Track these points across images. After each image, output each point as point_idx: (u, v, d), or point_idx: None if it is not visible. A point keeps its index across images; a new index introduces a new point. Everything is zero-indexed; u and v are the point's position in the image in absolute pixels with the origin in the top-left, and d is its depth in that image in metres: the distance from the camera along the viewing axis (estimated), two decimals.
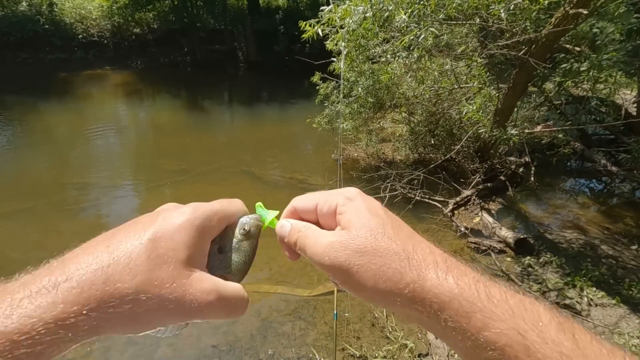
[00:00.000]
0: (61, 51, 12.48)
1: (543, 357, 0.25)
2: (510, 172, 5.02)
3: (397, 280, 0.30)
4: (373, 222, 0.34)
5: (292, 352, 2.56)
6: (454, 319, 0.28)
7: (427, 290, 0.29)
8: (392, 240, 0.32)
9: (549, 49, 3.22)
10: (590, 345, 0.26)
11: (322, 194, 0.39)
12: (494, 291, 0.29)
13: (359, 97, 4.68)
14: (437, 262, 0.31)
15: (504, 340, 0.26)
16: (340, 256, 0.32)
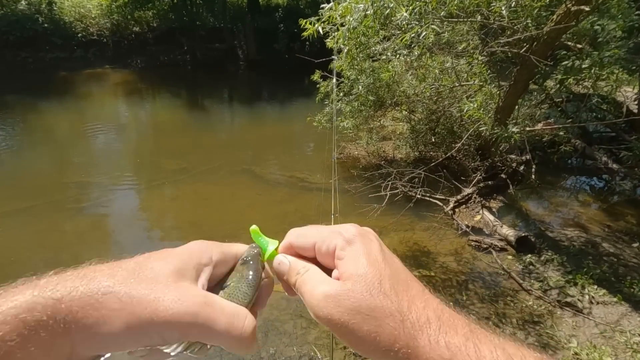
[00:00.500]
0: (61, 50, 12.46)
1: None
2: (511, 170, 5.01)
3: (392, 343, 0.31)
4: (370, 275, 0.34)
5: (294, 350, 2.56)
6: None
7: (420, 356, 0.30)
8: (388, 297, 0.32)
9: (551, 46, 3.21)
10: None
11: (320, 231, 0.39)
12: (484, 350, 0.30)
13: (360, 96, 4.67)
14: (430, 321, 0.31)
15: None
16: (335, 313, 0.32)
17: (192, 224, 4.45)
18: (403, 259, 2.60)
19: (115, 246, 3.98)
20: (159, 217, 4.62)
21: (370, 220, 4.02)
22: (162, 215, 4.68)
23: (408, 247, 3.78)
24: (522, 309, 2.95)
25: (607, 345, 2.56)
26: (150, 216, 4.62)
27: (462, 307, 2.99)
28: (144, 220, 4.53)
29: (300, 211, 4.41)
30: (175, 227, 4.39)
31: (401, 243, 3.84)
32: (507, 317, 2.87)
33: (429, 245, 3.82)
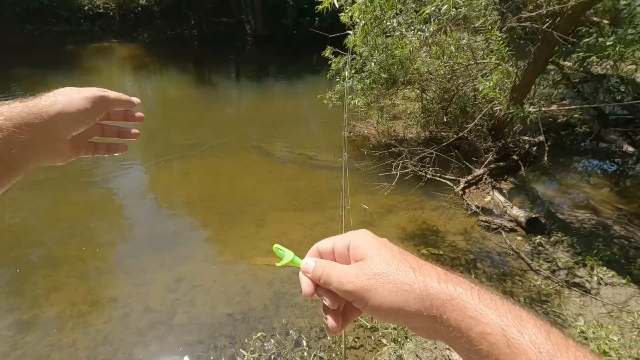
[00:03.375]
0: (67, 23, 12.29)
1: (519, 349, 0.31)
2: (524, 152, 4.95)
3: (409, 292, 0.37)
4: (383, 252, 0.40)
5: (305, 321, 2.63)
6: (452, 318, 0.34)
7: (431, 295, 0.36)
8: (401, 263, 0.39)
9: (575, 21, 3.08)
10: (562, 341, 0.31)
11: (338, 236, 0.46)
12: (484, 296, 0.35)
13: (372, 73, 4.57)
14: (439, 275, 0.37)
15: (490, 337, 0.32)
16: (361, 281, 0.39)
17: (202, 198, 4.50)
18: (412, 237, 2.62)
19: (126, 219, 4.05)
20: (169, 191, 4.67)
21: (380, 199, 4.03)
22: (173, 189, 4.72)
23: (417, 225, 3.80)
24: (529, 288, 2.98)
25: (613, 324, 2.59)
26: (161, 190, 4.67)
27: None
28: (154, 194, 4.59)
29: (310, 187, 4.43)
30: (185, 202, 4.44)
31: (410, 222, 3.85)
32: (515, 296, 2.91)
33: (438, 224, 3.83)
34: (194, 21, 13.76)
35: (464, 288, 0.35)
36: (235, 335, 2.53)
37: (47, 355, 2.39)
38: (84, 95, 0.52)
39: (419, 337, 2.52)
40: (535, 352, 0.30)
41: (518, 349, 0.31)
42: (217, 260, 3.30)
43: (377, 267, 0.39)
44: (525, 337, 0.31)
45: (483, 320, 0.33)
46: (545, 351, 0.30)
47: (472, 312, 0.33)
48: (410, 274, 0.38)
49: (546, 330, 0.32)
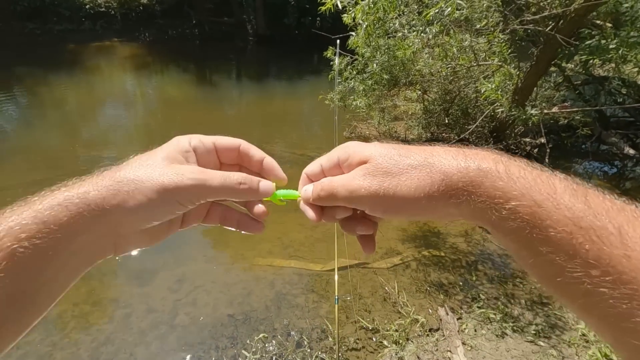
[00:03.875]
0: (69, 22, 12.30)
1: (557, 221, 0.28)
2: (525, 154, 4.95)
3: (430, 183, 0.33)
4: (384, 150, 0.36)
5: (306, 322, 2.64)
6: (481, 198, 0.31)
7: (455, 181, 0.32)
8: (408, 156, 0.35)
9: (578, 24, 3.09)
10: (602, 204, 0.28)
11: (323, 156, 0.42)
12: (512, 169, 0.32)
13: (374, 74, 4.57)
14: (456, 156, 0.34)
15: (523, 211, 0.29)
16: (374, 183, 0.35)
17: None
18: (413, 238, 2.62)
19: None
20: None
21: None
22: None
23: (418, 227, 3.80)
24: (530, 291, 2.99)
25: None
26: None
27: (471, 287, 3.03)
28: None
29: None
30: None
31: (411, 223, 3.85)
32: (516, 298, 2.91)
33: (439, 226, 3.83)
34: (195, 20, 13.77)
35: (488, 165, 0.32)
36: (236, 336, 2.54)
37: (49, 355, 2.39)
38: (162, 182, 0.36)
39: (420, 339, 2.53)
40: (573, 224, 0.28)
41: (556, 222, 0.28)
42: (218, 261, 3.30)
43: (385, 166, 0.35)
44: (563, 209, 0.28)
45: (514, 197, 0.30)
46: (582, 217, 0.27)
47: (501, 192, 0.31)
48: (426, 165, 0.34)
49: (583, 194, 0.29)
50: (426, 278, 3.10)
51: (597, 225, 0.27)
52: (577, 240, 0.27)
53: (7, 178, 4.49)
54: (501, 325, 2.59)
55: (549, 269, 0.29)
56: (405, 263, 3.28)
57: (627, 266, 0.25)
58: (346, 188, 0.37)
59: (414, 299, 2.85)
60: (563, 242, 0.28)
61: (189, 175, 0.37)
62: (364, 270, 3.15)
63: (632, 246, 0.26)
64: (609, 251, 0.26)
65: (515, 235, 0.30)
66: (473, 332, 2.57)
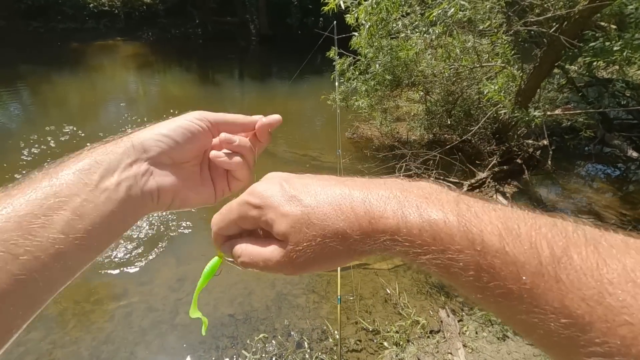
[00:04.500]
0: (72, 20, 12.34)
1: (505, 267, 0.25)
2: (527, 155, 4.93)
3: (337, 254, 0.32)
4: (297, 221, 0.32)
5: (307, 323, 2.63)
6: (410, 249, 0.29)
7: (357, 242, 0.31)
8: (318, 223, 0.32)
9: (582, 26, 3.07)
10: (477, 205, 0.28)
11: (231, 209, 0.39)
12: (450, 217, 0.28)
13: (376, 74, 4.57)
14: (356, 208, 0.31)
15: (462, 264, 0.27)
16: (296, 268, 0.34)
17: None
18: None
19: None
20: None
21: None
22: None
23: None
24: None
25: None
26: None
27: None
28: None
29: None
30: None
31: None
32: None
33: None
34: (198, 20, 13.79)
35: (385, 194, 0.31)
36: (237, 335, 2.53)
37: (50, 353, 2.39)
38: (194, 115, 0.46)
39: (421, 341, 2.52)
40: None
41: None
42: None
43: (303, 253, 0.32)
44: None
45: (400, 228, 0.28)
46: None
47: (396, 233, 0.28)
48: (345, 245, 0.31)
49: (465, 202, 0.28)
50: (427, 279, 3.09)
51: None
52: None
53: (9, 176, 4.51)
54: (502, 328, 2.58)
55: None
56: (406, 264, 3.27)
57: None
58: (269, 270, 0.36)
59: (414, 301, 2.85)
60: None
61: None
62: (364, 271, 3.15)
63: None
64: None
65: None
66: (474, 335, 2.56)
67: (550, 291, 0.22)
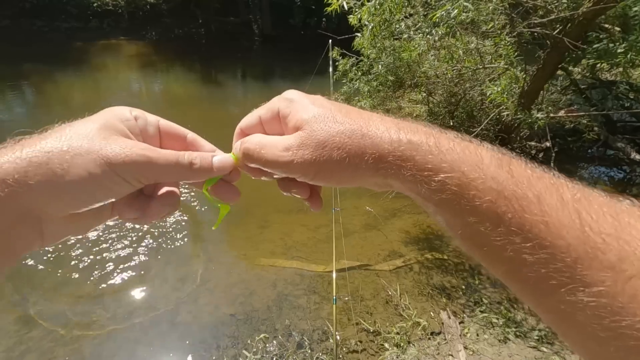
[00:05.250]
0: (76, 20, 12.40)
1: (482, 191, 0.29)
2: (530, 157, 4.89)
3: (360, 154, 0.33)
4: (321, 113, 0.35)
5: (308, 324, 2.63)
6: (410, 172, 0.32)
7: (385, 154, 0.32)
8: (344, 123, 0.34)
9: (586, 28, 3.06)
10: (524, 172, 0.29)
11: (263, 106, 0.40)
12: (442, 142, 0.32)
13: (379, 75, 4.57)
14: (389, 127, 0.34)
15: (451, 182, 0.30)
16: (307, 154, 0.34)
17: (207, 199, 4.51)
18: (416, 241, 2.60)
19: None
20: None
21: (384, 202, 4.03)
22: None
23: (421, 229, 3.79)
24: None
25: None
26: None
27: (474, 290, 3.02)
28: None
29: None
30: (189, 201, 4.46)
31: (415, 226, 3.84)
32: (519, 303, 2.89)
33: (443, 229, 3.81)
34: (201, 20, 13.83)
35: (419, 138, 0.32)
36: (238, 335, 2.54)
37: (51, 351, 2.40)
38: (106, 155, 0.31)
39: (421, 342, 2.51)
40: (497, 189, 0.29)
41: (482, 191, 0.29)
42: (220, 261, 3.31)
43: (320, 135, 0.34)
44: (488, 179, 0.29)
45: (443, 169, 0.31)
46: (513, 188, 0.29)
47: (431, 165, 0.31)
48: (359, 127, 0.34)
49: (507, 163, 0.30)
50: (428, 281, 3.08)
51: (518, 194, 0.28)
52: (501, 209, 0.28)
53: None
54: (504, 330, 2.58)
55: (477, 239, 0.30)
56: (408, 266, 3.26)
57: (544, 231, 0.26)
58: (276, 159, 0.35)
59: (416, 302, 2.84)
60: (488, 211, 0.29)
61: (138, 150, 0.33)
62: (366, 272, 3.14)
63: (550, 212, 0.27)
64: (530, 218, 0.27)
65: (444, 206, 0.31)
66: (475, 337, 2.55)
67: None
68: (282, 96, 0.38)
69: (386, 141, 0.33)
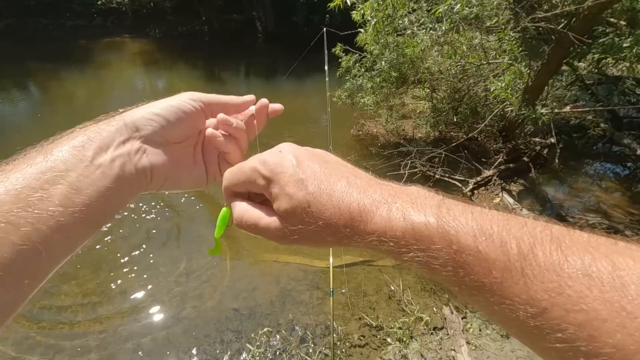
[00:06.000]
0: (80, 17, 12.45)
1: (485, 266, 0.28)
2: (534, 154, 4.89)
3: (325, 236, 0.34)
4: (298, 207, 0.34)
5: (311, 319, 2.65)
6: (392, 248, 0.31)
7: (369, 224, 0.32)
8: (323, 212, 0.34)
9: (591, 23, 3.03)
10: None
11: (242, 169, 0.40)
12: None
13: (382, 71, 4.56)
14: (379, 200, 0.33)
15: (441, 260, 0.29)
16: (283, 239, 0.36)
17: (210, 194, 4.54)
18: None
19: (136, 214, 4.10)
20: None
21: None
22: None
23: None
24: None
25: None
26: None
27: None
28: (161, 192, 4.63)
29: None
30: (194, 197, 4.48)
31: None
32: None
33: None
34: (205, 17, 13.83)
35: (377, 198, 0.33)
36: (241, 330, 2.56)
37: (59, 345, 2.44)
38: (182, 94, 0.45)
39: (424, 337, 2.52)
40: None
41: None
42: (224, 256, 3.33)
43: (296, 229, 0.35)
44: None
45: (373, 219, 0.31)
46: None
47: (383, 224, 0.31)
48: (335, 227, 0.33)
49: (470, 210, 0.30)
50: None
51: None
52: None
53: None
54: None
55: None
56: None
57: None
58: (262, 235, 0.38)
59: (418, 298, 2.85)
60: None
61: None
62: (369, 267, 3.15)
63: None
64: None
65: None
66: (478, 332, 2.55)
67: (517, 284, 0.25)
68: (259, 170, 0.38)
69: (349, 213, 0.33)
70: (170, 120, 0.43)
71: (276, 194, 0.36)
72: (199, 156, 0.47)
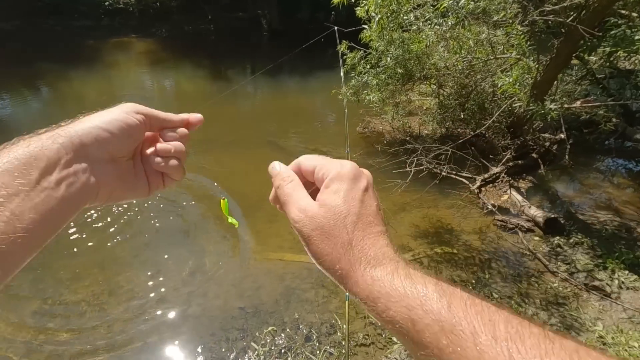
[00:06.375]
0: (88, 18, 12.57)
1: (425, 326, 0.32)
2: (544, 150, 4.81)
3: (335, 262, 0.38)
4: (340, 209, 0.39)
5: (316, 317, 2.64)
6: (368, 303, 0.36)
7: (352, 280, 0.37)
8: (346, 229, 0.38)
9: (601, 15, 2.95)
10: (461, 307, 0.32)
11: (324, 160, 0.44)
12: (396, 281, 0.35)
13: (387, 68, 4.50)
14: (369, 259, 0.37)
15: (398, 317, 0.33)
16: (306, 226, 0.39)
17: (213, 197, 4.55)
18: (425, 235, 2.57)
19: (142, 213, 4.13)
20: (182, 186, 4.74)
21: (393, 196, 3.99)
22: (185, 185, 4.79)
23: (431, 223, 3.75)
24: (546, 290, 2.91)
25: (634, 330, 2.51)
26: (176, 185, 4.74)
27: (484, 285, 2.98)
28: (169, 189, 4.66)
29: None
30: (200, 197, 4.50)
31: (424, 219, 3.81)
32: (530, 297, 2.84)
33: (453, 223, 3.77)
34: (210, 16, 13.86)
35: (381, 275, 0.36)
36: (246, 328, 2.57)
37: (67, 342, 2.47)
38: (114, 109, 0.45)
39: None
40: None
41: (424, 326, 0.32)
42: (230, 255, 3.34)
43: (325, 222, 0.38)
44: (429, 314, 0.32)
45: (392, 306, 0.34)
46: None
47: (384, 300, 0.34)
48: (346, 250, 0.37)
49: (448, 299, 0.33)
50: (438, 275, 3.05)
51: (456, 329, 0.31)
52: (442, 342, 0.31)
53: None
54: None
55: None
56: (417, 260, 3.24)
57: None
58: (291, 209, 0.41)
59: None
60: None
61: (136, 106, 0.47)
62: None
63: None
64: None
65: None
66: None
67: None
68: (340, 168, 0.41)
69: (356, 273, 0.37)
70: (116, 135, 0.42)
71: (340, 188, 0.40)
72: (139, 167, 0.48)
